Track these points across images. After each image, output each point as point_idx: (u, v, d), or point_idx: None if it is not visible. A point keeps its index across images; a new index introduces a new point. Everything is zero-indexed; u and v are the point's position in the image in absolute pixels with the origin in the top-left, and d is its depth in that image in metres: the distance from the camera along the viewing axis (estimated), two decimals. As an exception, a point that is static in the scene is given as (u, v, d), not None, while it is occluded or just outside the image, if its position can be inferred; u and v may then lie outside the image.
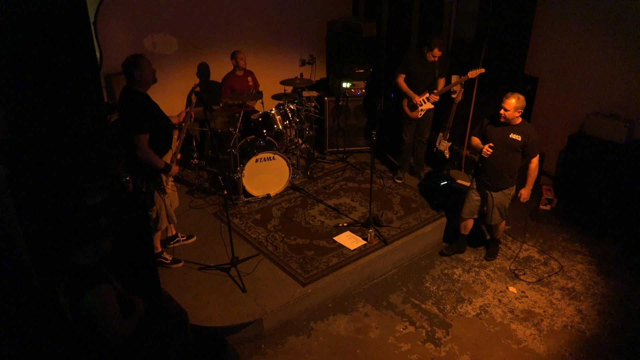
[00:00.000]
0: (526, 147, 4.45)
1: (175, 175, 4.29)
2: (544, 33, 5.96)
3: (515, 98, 4.34)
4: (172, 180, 4.37)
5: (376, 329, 4.27)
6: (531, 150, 4.46)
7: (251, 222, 5.28)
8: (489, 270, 4.98)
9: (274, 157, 5.56)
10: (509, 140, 4.47)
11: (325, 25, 7.62)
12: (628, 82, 5.43)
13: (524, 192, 4.65)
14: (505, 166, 4.56)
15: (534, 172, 4.56)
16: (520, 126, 4.47)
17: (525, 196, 4.65)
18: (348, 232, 5.08)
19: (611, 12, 5.38)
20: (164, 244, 4.77)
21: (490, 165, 4.61)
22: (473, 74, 5.43)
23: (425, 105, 5.72)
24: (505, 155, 4.52)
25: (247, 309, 4.12)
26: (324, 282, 4.45)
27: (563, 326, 4.30)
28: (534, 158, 4.51)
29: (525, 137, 4.42)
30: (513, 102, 4.34)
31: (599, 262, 5.09)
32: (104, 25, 5.64)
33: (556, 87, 6.04)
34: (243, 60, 6.10)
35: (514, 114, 4.38)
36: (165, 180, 4.23)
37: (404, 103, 5.79)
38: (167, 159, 4.22)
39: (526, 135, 4.42)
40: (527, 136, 4.42)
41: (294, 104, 5.97)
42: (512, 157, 4.53)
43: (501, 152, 4.51)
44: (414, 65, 5.63)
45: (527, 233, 5.56)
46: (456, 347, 4.10)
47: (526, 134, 4.43)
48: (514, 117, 4.41)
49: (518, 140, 4.44)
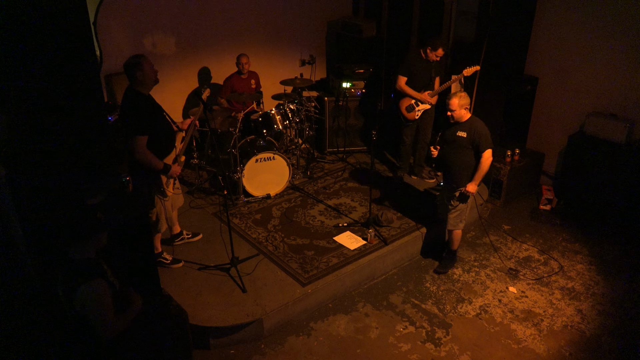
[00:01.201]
0: (473, 142, 4.42)
1: (176, 176, 4.28)
2: (544, 33, 5.96)
3: (457, 97, 4.39)
4: (173, 182, 4.35)
5: (376, 329, 4.27)
6: (479, 144, 4.41)
7: (251, 222, 5.28)
8: (489, 270, 4.98)
9: (274, 157, 5.56)
10: (456, 138, 4.49)
11: (325, 25, 7.61)
12: (628, 82, 5.43)
13: (469, 185, 4.51)
14: (458, 164, 4.55)
15: (482, 167, 4.45)
16: (467, 122, 4.47)
17: (470, 189, 4.52)
18: (348, 232, 5.08)
19: (611, 12, 5.38)
20: (169, 242, 4.79)
21: (445, 165, 4.68)
22: (468, 72, 5.42)
23: (422, 106, 5.72)
24: (456, 154, 4.53)
25: (247, 309, 4.12)
26: (324, 282, 4.45)
27: (563, 326, 4.30)
28: (484, 153, 4.41)
29: (471, 132, 4.41)
30: (456, 101, 4.39)
31: (599, 262, 5.09)
32: (104, 25, 5.63)
33: (556, 87, 6.04)
34: (247, 65, 6.07)
35: (460, 112, 4.42)
36: (165, 182, 4.22)
37: (401, 105, 5.76)
38: (168, 160, 4.20)
39: (472, 130, 4.41)
40: (473, 131, 4.41)
41: (294, 104, 5.97)
42: (463, 155, 4.50)
43: (453, 151, 4.55)
44: (415, 66, 5.62)
45: (527, 233, 5.56)
46: (456, 347, 4.10)
47: (472, 128, 4.42)
48: (461, 115, 4.44)
49: (464, 137, 4.44)
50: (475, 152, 4.47)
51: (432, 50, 5.44)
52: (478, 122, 4.48)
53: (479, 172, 4.47)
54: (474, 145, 4.43)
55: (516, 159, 5.98)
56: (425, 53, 5.51)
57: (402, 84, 5.68)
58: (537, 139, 6.34)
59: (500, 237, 5.51)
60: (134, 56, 3.94)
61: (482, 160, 4.45)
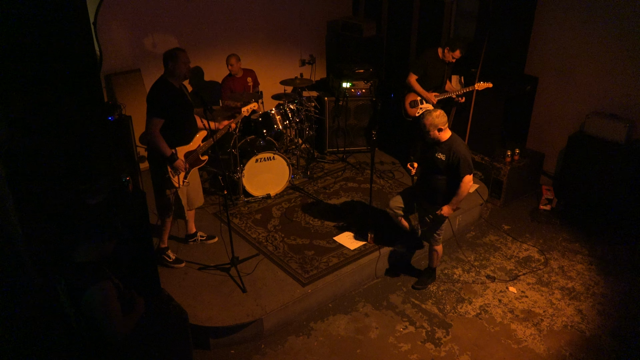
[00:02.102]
0: (452, 165, 4.06)
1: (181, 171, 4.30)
2: (544, 33, 5.96)
3: (428, 117, 4.05)
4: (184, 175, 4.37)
5: (376, 329, 4.27)
6: (458, 169, 4.04)
7: (251, 222, 5.28)
8: (489, 271, 4.98)
9: (274, 157, 5.56)
10: (435, 160, 4.15)
11: (325, 25, 7.62)
12: (628, 82, 5.43)
13: (445, 208, 4.23)
14: (434, 187, 4.25)
15: (461, 192, 4.11)
16: (446, 143, 4.11)
17: (445, 213, 4.24)
18: (348, 232, 5.08)
19: (611, 12, 5.38)
20: (185, 241, 4.87)
21: (423, 185, 4.40)
22: (480, 87, 5.44)
23: (425, 105, 5.73)
24: (434, 176, 4.22)
25: (247, 309, 4.12)
26: (324, 282, 4.45)
27: (563, 326, 4.31)
28: (464, 178, 4.06)
29: (450, 155, 4.06)
30: (429, 121, 4.04)
31: (599, 262, 5.09)
32: (104, 25, 5.63)
33: (556, 87, 6.04)
34: (237, 65, 6.03)
35: (434, 132, 4.07)
36: (171, 172, 4.25)
37: (406, 99, 5.78)
38: (179, 152, 4.26)
39: (451, 153, 4.06)
40: (452, 154, 4.05)
41: (294, 104, 5.97)
42: (441, 178, 4.19)
43: (431, 172, 4.25)
44: (430, 65, 5.61)
45: (527, 233, 5.56)
46: (456, 347, 4.10)
47: (451, 151, 4.06)
48: (438, 136, 4.09)
49: (442, 160, 4.10)
50: (455, 176, 4.11)
51: (450, 51, 5.44)
52: (458, 143, 4.12)
53: (457, 196, 4.14)
54: (453, 169, 4.08)
55: (516, 159, 5.98)
56: (443, 53, 5.52)
57: (413, 80, 5.67)
58: (537, 139, 6.34)
59: (500, 237, 5.51)
60: (174, 48, 4.21)
61: (461, 184, 4.09)
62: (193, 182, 4.53)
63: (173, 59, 4.09)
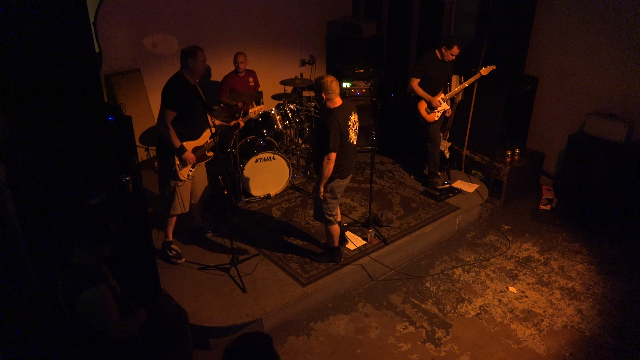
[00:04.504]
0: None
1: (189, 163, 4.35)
2: (544, 33, 5.96)
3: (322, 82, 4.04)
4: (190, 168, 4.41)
5: (376, 329, 4.27)
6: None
7: (251, 222, 5.28)
8: (489, 270, 4.98)
9: (274, 157, 5.56)
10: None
11: (325, 25, 7.62)
12: (628, 82, 5.43)
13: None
14: (316, 155, 4.26)
15: (323, 169, 4.08)
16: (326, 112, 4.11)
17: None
18: (348, 232, 5.08)
19: (611, 12, 5.39)
20: (187, 239, 4.88)
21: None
22: (485, 71, 5.44)
23: (442, 106, 5.68)
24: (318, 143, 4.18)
25: (247, 309, 4.12)
26: (324, 282, 4.45)
27: (563, 326, 4.31)
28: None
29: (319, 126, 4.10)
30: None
31: (599, 262, 5.09)
32: (104, 25, 5.64)
33: (556, 87, 6.04)
34: (243, 64, 6.09)
35: (322, 98, 4.10)
36: (178, 164, 4.30)
37: (420, 107, 5.69)
38: (188, 145, 4.33)
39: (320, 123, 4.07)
40: (320, 124, 4.11)
41: (294, 104, 5.97)
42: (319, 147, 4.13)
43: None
44: (432, 67, 5.57)
45: (527, 233, 5.57)
46: (456, 347, 4.10)
47: (321, 121, 4.09)
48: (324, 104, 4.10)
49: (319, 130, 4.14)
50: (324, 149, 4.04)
51: (447, 49, 5.42)
52: (328, 115, 4.03)
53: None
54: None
55: (516, 159, 5.99)
56: (441, 53, 5.49)
57: (415, 86, 5.64)
58: (537, 139, 6.34)
59: (500, 237, 5.51)
60: (193, 46, 4.29)
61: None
62: (199, 176, 4.61)
63: (194, 57, 4.17)
